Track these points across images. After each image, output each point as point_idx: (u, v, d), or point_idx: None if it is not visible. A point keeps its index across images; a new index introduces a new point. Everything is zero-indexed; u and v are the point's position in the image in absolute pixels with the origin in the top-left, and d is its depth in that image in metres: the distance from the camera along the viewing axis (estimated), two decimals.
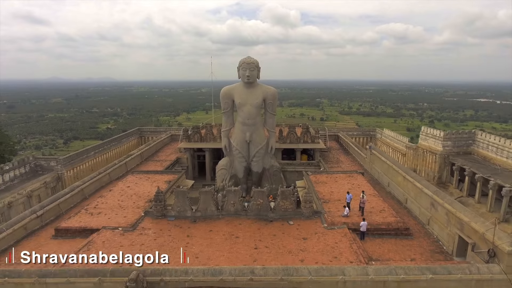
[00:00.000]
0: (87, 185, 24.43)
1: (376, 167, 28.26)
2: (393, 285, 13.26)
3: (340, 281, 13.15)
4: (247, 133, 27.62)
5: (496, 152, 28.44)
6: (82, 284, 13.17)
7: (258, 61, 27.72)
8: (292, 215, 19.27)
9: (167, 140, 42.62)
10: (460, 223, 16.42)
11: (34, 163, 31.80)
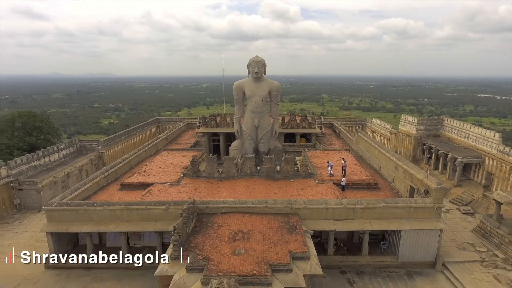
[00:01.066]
0: (132, 158, 31.54)
1: (361, 146, 35.34)
2: (359, 210, 20.37)
3: (324, 208, 20.25)
4: (256, 119, 34.57)
5: (457, 134, 35.50)
6: (154, 210, 20.29)
7: (264, 59, 34.63)
8: (293, 176, 26.33)
9: (184, 127, 49.69)
10: (411, 176, 23.55)
11: (79, 144, 38.91)
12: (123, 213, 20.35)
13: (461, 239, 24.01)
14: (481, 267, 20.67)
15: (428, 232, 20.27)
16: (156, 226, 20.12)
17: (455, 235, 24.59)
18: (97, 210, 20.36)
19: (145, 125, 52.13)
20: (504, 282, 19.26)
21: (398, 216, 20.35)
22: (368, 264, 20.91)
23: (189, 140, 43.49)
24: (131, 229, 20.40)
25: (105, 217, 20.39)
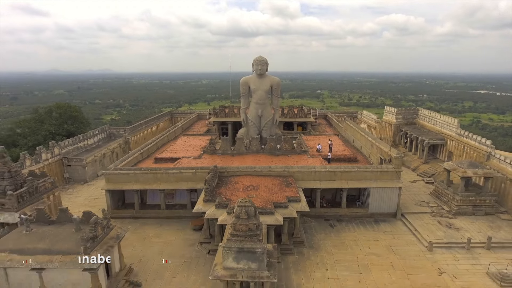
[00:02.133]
0: (158, 141, 38.77)
1: (348, 132, 42.56)
2: (339, 173, 27.61)
3: (312, 171, 27.49)
4: (259, 110, 41.55)
5: (428, 121, 42.72)
6: (186, 173, 27.50)
7: (266, 59, 41.58)
8: (290, 153, 33.52)
9: (195, 118, 56.87)
10: (381, 150, 30.81)
11: (109, 131, 46.13)
12: (163, 176, 27.58)
13: (420, 199, 31.29)
14: (430, 216, 27.94)
15: (390, 189, 27.53)
16: (188, 185, 27.37)
17: (416, 197, 31.88)
18: (143, 173, 27.60)
19: (160, 117, 59.29)
20: (444, 224, 26.54)
21: (368, 178, 27.59)
22: (346, 215, 28.19)
23: (201, 128, 50.68)
24: (169, 187, 27.68)
25: (149, 179, 27.62)
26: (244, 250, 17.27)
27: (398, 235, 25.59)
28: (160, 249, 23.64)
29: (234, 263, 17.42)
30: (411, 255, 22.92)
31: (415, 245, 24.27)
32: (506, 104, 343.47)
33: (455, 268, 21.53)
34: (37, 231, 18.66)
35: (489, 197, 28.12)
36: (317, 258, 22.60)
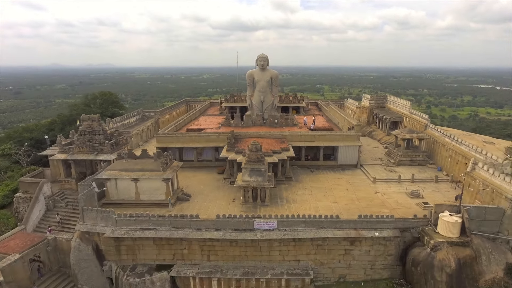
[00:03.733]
0: (185, 118, 52.06)
1: (330, 113, 55.78)
2: (317, 136, 40.87)
3: (299, 135, 40.82)
4: (261, 96, 54.60)
5: (393, 104, 55.95)
6: (212, 136, 40.85)
7: (267, 56, 54.55)
8: (284, 125, 46.71)
9: (208, 105, 70.05)
10: (349, 122, 44.07)
11: (142, 114, 59.36)
12: (195, 138, 40.89)
13: (377, 157, 44.58)
14: (380, 166, 41.20)
15: (353, 147, 40.78)
16: (212, 144, 40.71)
17: (374, 156, 45.17)
18: (182, 136, 40.94)
19: (178, 104, 72.45)
20: (388, 170, 39.79)
21: (337, 139, 40.83)
22: (322, 165, 41.46)
23: (214, 112, 63.86)
24: (200, 145, 41.00)
25: (186, 140, 40.90)
26: (254, 169, 30.65)
27: (355, 176, 38.91)
28: (197, 182, 36.97)
29: (248, 177, 30.78)
30: (360, 185, 36.25)
31: (365, 180, 37.60)
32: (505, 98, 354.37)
33: (386, 190, 34.81)
34: (131, 161, 32.00)
35: (421, 153, 41.42)
36: (300, 185, 35.97)
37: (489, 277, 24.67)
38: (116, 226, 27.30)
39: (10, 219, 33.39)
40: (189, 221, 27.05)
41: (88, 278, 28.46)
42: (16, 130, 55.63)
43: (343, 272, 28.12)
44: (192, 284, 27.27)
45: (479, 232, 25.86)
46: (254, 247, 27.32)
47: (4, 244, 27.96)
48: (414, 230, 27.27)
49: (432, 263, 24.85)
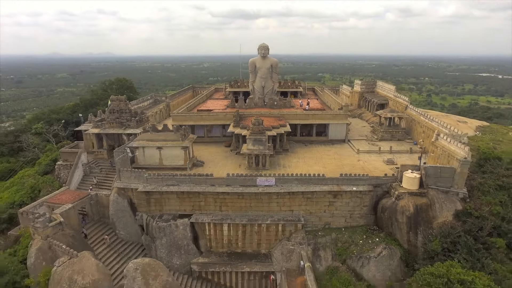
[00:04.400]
0: (195, 101, 58.93)
1: (325, 97, 62.60)
2: (311, 115, 47.80)
3: (295, 114, 47.78)
4: (263, 82, 61.30)
5: (380, 89, 62.68)
6: (220, 115, 47.81)
7: (268, 45, 61.01)
8: (283, 107, 53.57)
9: (213, 91, 76.76)
10: (339, 104, 50.99)
11: (155, 98, 66.23)
12: (206, 116, 47.91)
13: (362, 134, 51.58)
14: (365, 141, 48.23)
15: (341, 125, 47.75)
16: (221, 121, 47.72)
17: (361, 133, 52.16)
18: (194, 115, 47.96)
19: (186, 90, 79.16)
20: (371, 144, 46.84)
21: (328, 118, 47.77)
22: (315, 140, 48.50)
23: (219, 97, 70.70)
24: (209, 123, 48.02)
25: (197, 118, 47.89)
26: (257, 139, 37.75)
27: (343, 148, 45.99)
28: (208, 153, 44.10)
29: (252, 146, 37.90)
30: (346, 155, 43.34)
31: (350, 152, 44.69)
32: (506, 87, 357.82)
33: (367, 159, 41.90)
34: (155, 133, 39.09)
35: (401, 129, 48.42)
36: (295, 155, 43.12)
37: (441, 220, 31.91)
38: (146, 183, 34.57)
39: (54, 182, 40.65)
40: (205, 179, 34.30)
41: (124, 225, 35.92)
42: (44, 112, 62.69)
43: (328, 220, 35.49)
44: (207, 228, 34.69)
45: (435, 186, 33.01)
46: (257, 199, 34.63)
47: (58, 198, 35.35)
48: (384, 186, 34.50)
49: (396, 209, 32.15)
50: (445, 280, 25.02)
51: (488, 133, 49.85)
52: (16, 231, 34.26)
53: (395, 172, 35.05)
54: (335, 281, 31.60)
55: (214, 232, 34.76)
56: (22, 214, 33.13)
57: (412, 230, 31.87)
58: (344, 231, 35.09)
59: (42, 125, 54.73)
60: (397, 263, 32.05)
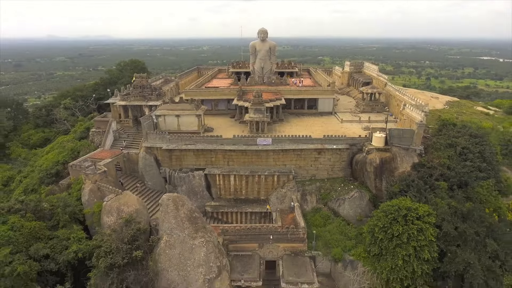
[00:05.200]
0: (202, 80, 67.75)
1: (317, 76, 71.37)
2: (303, 91, 56.78)
3: (289, 90, 56.76)
4: (262, 63, 69.83)
5: (366, 69, 71.40)
6: (225, 91, 56.77)
7: (267, 29, 69.24)
8: (279, 84, 62.43)
9: (217, 71, 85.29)
10: (327, 81, 59.95)
11: (166, 78, 74.91)
12: (213, 92, 56.90)
13: (348, 107, 60.66)
14: (349, 113, 57.35)
15: (329, 99, 56.79)
16: (226, 96, 56.71)
17: (347, 107, 61.24)
18: (204, 90, 56.95)
19: (192, 71, 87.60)
20: (354, 115, 56.01)
21: (317, 93, 56.77)
22: (306, 112, 57.61)
23: (223, 76, 79.36)
24: (216, 97, 57.05)
25: (206, 94, 56.85)
26: (257, 109, 46.95)
27: (329, 119, 55.17)
28: (216, 123, 53.20)
29: (253, 115, 47.10)
30: (332, 124, 52.55)
31: (336, 121, 53.89)
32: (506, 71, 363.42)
33: (349, 127, 51.08)
34: (173, 104, 48.16)
35: (380, 103, 57.48)
36: (288, 124, 52.35)
37: (401, 170, 41.36)
38: (169, 142, 43.90)
39: (90, 145, 49.98)
40: (216, 139, 43.64)
41: (151, 177, 45.48)
42: (69, 90, 71.38)
43: (314, 172, 45.04)
44: (217, 179, 44.26)
45: (398, 144, 42.35)
46: (257, 155, 44.06)
47: (98, 154, 44.83)
48: (358, 145, 43.84)
49: (365, 161, 41.63)
50: (396, 207, 34.65)
51: (455, 106, 59.15)
52: (66, 181, 43.74)
53: (367, 134, 44.40)
54: (318, 216, 41.40)
55: (223, 182, 44.37)
56: (72, 167, 42.56)
57: (378, 177, 41.44)
58: (327, 181, 44.73)
59: (70, 101, 63.67)
60: (366, 203, 41.79)
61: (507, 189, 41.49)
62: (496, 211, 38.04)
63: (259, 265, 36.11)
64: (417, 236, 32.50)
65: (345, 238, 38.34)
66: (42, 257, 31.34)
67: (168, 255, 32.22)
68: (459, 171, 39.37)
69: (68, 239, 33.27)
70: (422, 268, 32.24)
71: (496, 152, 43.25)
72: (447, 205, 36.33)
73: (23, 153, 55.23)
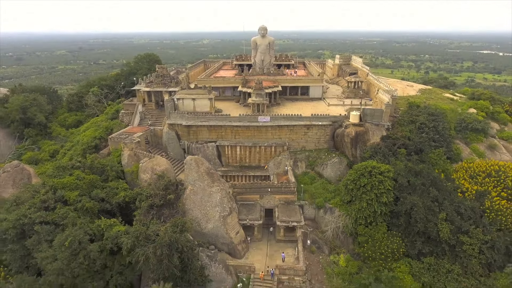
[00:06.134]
0: (210, 71, 79.58)
1: (310, 68, 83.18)
2: (297, 79, 68.66)
3: (285, 78, 68.65)
4: (262, 56, 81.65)
5: (354, 62, 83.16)
6: (231, 79, 68.69)
7: (266, 26, 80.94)
8: (277, 74, 74.22)
9: (222, 64, 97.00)
10: (317, 72, 71.85)
11: (177, 69, 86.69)
12: (220, 80, 68.79)
13: (335, 94, 72.52)
14: (336, 99, 69.23)
15: (318, 86, 68.66)
16: (231, 84, 68.61)
17: (334, 93, 73.09)
18: (212, 79, 68.86)
19: (199, 63, 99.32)
20: (339, 100, 67.94)
21: (309, 82, 68.61)
22: (299, 98, 69.37)
23: (228, 68, 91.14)
24: (223, 85, 68.98)
25: (214, 82, 68.67)
26: (258, 93, 58.97)
27: (319, 103, 67.02)
28: (223, 106, 64.99)
29: (255, 98, 59.14)
30: (320, 107, 64.41)
31: (324, 105, 65.77)
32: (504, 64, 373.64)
33: (334, 109, 62.97)
34: (189, 90, 60.11)
35: (361, 90, 69.41)
36: (284, 107, 64.24)
37: (372, 141, 53.30)
38: (187, 120, 55.89)
39: (120, 124, 61.90)
40: (225, 117, 55.58)
41: (172, 148, 57.51)
42: (94, 80, 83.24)
43: (303, 144, 57.05)
44: (226, 149, 56.29)
45: (370, 121, 54.30)
46: (258, 130, 56.03)
47: (131, 130, 56.86)
48: (339, 122, 55.83)
49: (344, 134, 53.62)
50: (364, 166, 46.64)
51: (426, 93, 71.05)
52: (105, 151, 55.75)
53: (346, 112, 56.41)
54: (306, 177, 53.49)
55: (230, 152, 56.44)
56: (111, 139, 54.55)
57: (353, 146, 53.44)
58: (314, 151, 56.76)
59: (97, 89, 75.58)
60: (344, 167, 53.84)
61: (456, 157, 53.54)
62: (444, 172, 50.11)
63: (260, 211, 48.30)
64: (378, 186, 44.43)
65: (326, 192, 50.49)
66: (99, 200, 43.41)
67: (192, 199, 44.35)
68: (417, 141, 51.45)
69: (117, 189, 45.31)
70: (381, 209, 44.29)
71: (450, 128, 55.31)
72: (404, 165, 48.38)
73: (62, 132, 67.15)
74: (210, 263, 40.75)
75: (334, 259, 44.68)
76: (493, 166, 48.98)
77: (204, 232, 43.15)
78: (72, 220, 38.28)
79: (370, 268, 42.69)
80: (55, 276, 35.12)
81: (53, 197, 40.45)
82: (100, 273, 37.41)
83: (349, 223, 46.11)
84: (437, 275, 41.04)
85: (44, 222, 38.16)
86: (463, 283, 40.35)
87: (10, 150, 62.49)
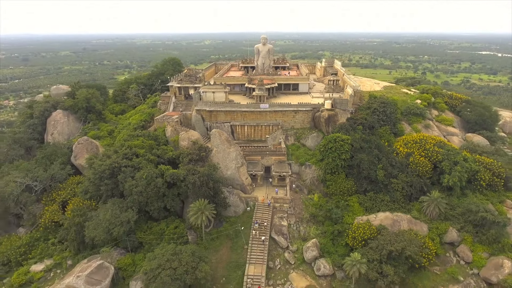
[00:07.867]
0: (221, 72, 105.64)
1: (301, 69, 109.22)
2: (289, 78, 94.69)
3: (281, 77, 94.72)
4: (263, 60, 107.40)
5: (335, 65, 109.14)
6: (239, 78, 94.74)
7: (267, 36, 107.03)
8: (275, 74, 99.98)
9: (230, 66, 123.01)
10: (306, 72, 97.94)
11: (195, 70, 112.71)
12: (231, 79, 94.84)
13: (319, 90, 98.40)
14: (319, 93, 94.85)
15: (306, 84, 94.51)
16: (240, 82, 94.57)
17: (318, 89, 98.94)
18: (225, 78, 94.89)
19: (211, 66, 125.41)
20: (321, 94, 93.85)
21: (299, 80, 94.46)
22: (291, 92, 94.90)
23: (235, 69, 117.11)
24: (233, 83, 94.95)
25: (227, 80, 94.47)
26: (260, 88, 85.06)
27: (305, 96, 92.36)
28: (234, 98, 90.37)
29: (257, 92, 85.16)
30: (306, 98, 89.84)
31: (309, 97, 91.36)
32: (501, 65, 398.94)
33: (317, 100, 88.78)
34: (210, 85, 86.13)
35: (338, 86, 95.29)
36: (279, 98, 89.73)
37: (340, 121, 78.85)
38: (210, 106, 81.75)
39: (159, 110, 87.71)
40: (237, 104, 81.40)
41: (199, 127, 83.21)
42: (132, 78, 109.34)
43: (292, 124, 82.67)
44: (237, 128, 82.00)
45: (339, 107, 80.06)
46: (260, 114, 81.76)
47: (169, 113, 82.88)
48: (318, 108, 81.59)
49: (320, 116, 79.36)
50: (332, 137, 72.38)
51: (388, 89, 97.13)
52: (151, 129, 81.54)
53: (323, 102, 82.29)
54: (294, 146, 79.15)
55: (240, 129, 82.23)
56: (156, 120, 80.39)
57: (327, 125, 79.05)
58: (300, 129, 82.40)
59: (135, 85, 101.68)
60: (320, 139, 79.13)
61: (400, 132, 79.16)
62: (388, 142, 75.79)
63: (261, 166, 74.04)
64: (340, 148, 70.04)
65: (306, 155, 76.12)
66: (157, 156, 69.10)
67: (217, 156, 70.09)
68: (370, 120, 77.29)
69: (167, 149, 71.03)
70: (341, 163, 69.88)
71: (397, 112, 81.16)
72: (359, 136, 74.17)
73: (112, 118, 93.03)
74: (229, 196, 66.32)
75: (310, 197, 70.34)
76: (419, 137, 74.83)
77: (225, 177, 68.81)
78: (145, 165, 64.03)
79: (333, 200, 68.33)
80: (137, 196, 60.63)
81: (130, 152, 66.18)
82: (162, 198, 63.02)
83: (321, 173, 71.79)
84: (375, 203, 66.57)
85: (127, 166, 63.76)
86: (391, 206, 66.01)
87: (78, 129, 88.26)
